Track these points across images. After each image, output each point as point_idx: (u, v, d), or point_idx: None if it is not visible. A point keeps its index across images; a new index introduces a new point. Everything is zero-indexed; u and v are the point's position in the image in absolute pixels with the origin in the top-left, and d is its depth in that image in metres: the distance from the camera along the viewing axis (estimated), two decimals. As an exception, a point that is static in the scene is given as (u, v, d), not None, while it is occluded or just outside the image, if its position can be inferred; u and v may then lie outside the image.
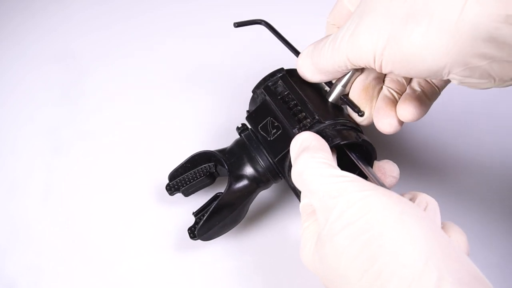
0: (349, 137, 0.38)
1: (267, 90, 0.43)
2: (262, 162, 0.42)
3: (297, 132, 0.39)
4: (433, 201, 0.33)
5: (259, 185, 0.43)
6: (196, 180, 0.45)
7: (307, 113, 0.40)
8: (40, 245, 0.48)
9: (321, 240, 0.31)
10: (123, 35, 0.64)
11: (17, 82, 0.60)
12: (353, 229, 0.29)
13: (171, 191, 0.45)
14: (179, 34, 0.64)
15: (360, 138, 0.39)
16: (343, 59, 0.36)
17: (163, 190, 0.46)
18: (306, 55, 0.40)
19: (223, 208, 0.42)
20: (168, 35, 0.64)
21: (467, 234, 0.32)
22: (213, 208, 0.42)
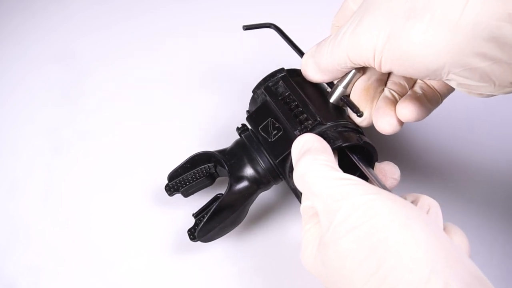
0: (351, 139, 0.38)
1: (267, 91, 0.43)
2: (262, 163, 0.42)
3: (298, 134, 0.38)
4: (435, 203, 0.33)
5: (259, 187, 0.43)
6: (195, 180, 0.45)
7: (309, 115, 0.40)
8: (40, 245, 0.48)
9: (324, 243, 0.31)
10: (123, 35, 0.64)
11: (17, 82, 0.60)
12: (358, 233, 0.29)
13: (170, 191, 0.45)
14: (179, 34, 0.64)
15: (361, 140, 0.39)
16: (343, 56, 0.36)
17: (162, 191, 0.46)
18: (309, 54, 0.40)
19: (223, 210, 0.42)
20: (168, 35, 0.64)
21: (467, 235, 0.32)
22: (214, 209, 0.42)
